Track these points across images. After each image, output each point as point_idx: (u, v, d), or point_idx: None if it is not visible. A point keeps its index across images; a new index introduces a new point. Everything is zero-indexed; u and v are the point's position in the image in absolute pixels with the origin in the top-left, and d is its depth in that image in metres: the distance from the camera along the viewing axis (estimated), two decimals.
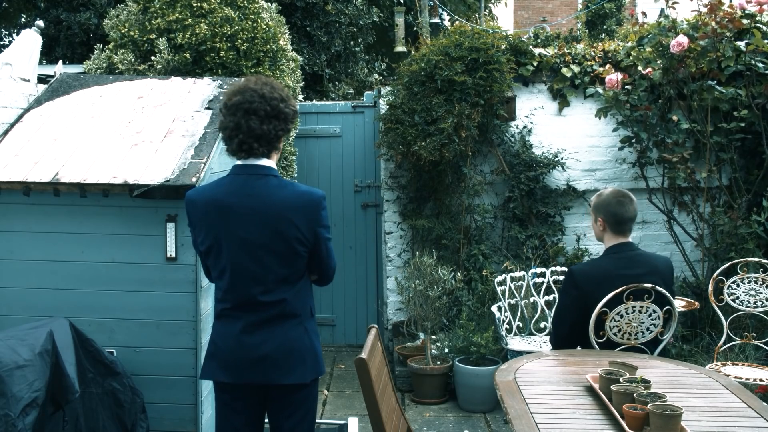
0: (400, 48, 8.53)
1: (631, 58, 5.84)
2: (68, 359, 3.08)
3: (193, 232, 2.76)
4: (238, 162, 2.70)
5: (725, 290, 4.51)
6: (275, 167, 2.73)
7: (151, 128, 3.90)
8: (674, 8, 5.50)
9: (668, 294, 3.33)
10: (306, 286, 2.76)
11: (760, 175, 5.53)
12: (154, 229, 3.51)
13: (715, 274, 4.60)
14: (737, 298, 4.50)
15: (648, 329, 3.35)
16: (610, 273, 3.29)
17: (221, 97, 4.14)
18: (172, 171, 3.52)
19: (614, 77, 5.47)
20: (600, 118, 5.82)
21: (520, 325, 5.10)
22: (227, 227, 2.63)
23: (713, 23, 5.21)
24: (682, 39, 5.13)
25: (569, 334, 3.35)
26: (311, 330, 2.75)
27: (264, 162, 2.69)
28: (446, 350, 5.28)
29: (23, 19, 10.00)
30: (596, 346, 3.30)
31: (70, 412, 3.10)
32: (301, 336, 2.70)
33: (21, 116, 4.03)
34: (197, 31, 4.93)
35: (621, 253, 3.35)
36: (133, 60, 5.00)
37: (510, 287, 5.11)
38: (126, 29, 5.11)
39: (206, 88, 4.31)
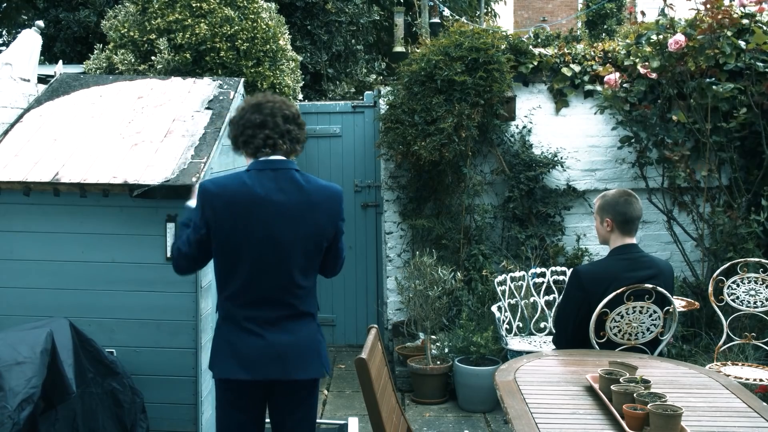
0: (400, 48, 8.53)
1: (630, 57, 5.83)
2: (67, 359, 3.08)
3: (200, 220, 2.65)
4: (260, 158, 2.69)
5: (725, 290, 4.51)
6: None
7: (151, 128, 3.90)
8: (672, 8, 5.50)
9: (668, 294, 3.34)
10: (314, 284, 2.79)
11: (759, 175, 5.53)
12: (154, 229, 3.51)
13: (715, 274, 4.60)
14: (737, 298, 4.50)
15: (648, 329, 3.35)
16: (617, 275, 3.28)
17: (222, 98, 4.15)
18: (172, 171, 3.52)
19: (613, 77, 5.48)
20: (598, 114, 5.83)
21: (520, 325, 5.10)
22: (254, 225, 2.61)
23: (709, 20, 5.21)
24: (680, 37, 5.15)
25: (573, 334, 3.35)
26: (320, 326, 2.81)
27: (282, 157, 2.71)
28: (446, 350, 5.28)
29: (23, 19, 10.00)
30: (596, 347, 3.30)
31: (66, 411, 3.10)
32: (315, 332, 2.75)
33: (21, 116, 4.02)
34: (197, 31, 4.94)
35: (627, 254, 3.34)
36: (133, 60, 5.01)
37: (510, 287, 5.11)
38: (126, 29, 5.11)
39: (206, 88, 4.31)
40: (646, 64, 5.47)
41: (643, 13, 5.95)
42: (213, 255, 2.72)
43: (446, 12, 9.43)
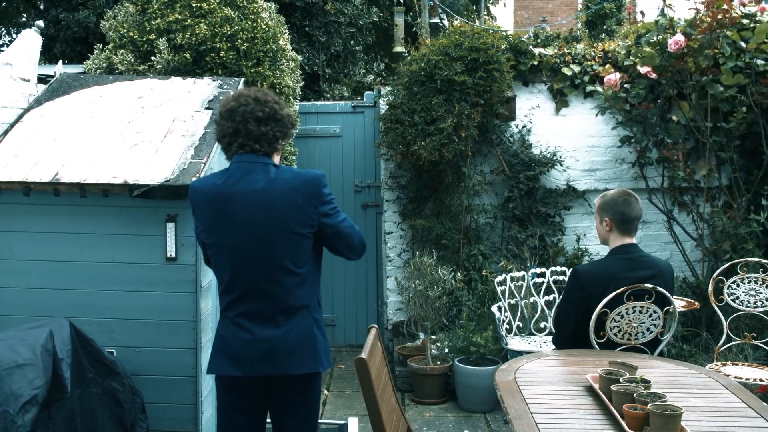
0: (400, 48, 8.53)
1: (630, 57, 5.83)
2: (66, 360, 3.08)
3: (195, 220, 2.76)
4: (240, 153, 2.72)
5: (725, 290, 4.51)
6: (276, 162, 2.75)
7: (151, 128, 3.90)
8: (671, 8, 5.51)
9: (668, 294, 3.34)
10: (312, 276, 2.75)
11: (759, 174, 5.53)
12: (154, 229, 3.51)
13: (715, 274, 4.60)
14: (737, 298, 4.50)
15: (648, 329, 3.35)
16: (616, 275, 3.28)
17: (222, 98, 4.16)
18: (172, 171, 3.52)
19: (613, 77, 5.48)
20: (598, 115, 5.83)
21: (520, 325, 5.10)
22: (229, 218, 2.64)
23: (709, 19, 5.21)
24: (679, 37, 5.15)
25: (573, 334, 3.35)
26: (320, 320, 2.77)
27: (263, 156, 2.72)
28: (446, 350, 5.28)
29: (23, 19, 10.00)
30: (596, 347, 3.30)
31: (65, 411, 3.10)
32: (311, 326, 2.71)
33: (21, 116, 4.02)
34: (197, 32, 4.93)
35: (626, 254, 3.34)
36: (132, 60, 5.00)
37: (510, 287, 5.11)
38: (125, 30, 5.11)
39: (206, 88, 4.31)
40: (647, 65, 5.47)
41: (642, 14, 5.96)
42: (207, 251, 2.76)
43: (444, 18, 9.44)
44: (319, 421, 4.15)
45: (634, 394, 2.37)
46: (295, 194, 2.65)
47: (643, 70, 5.47)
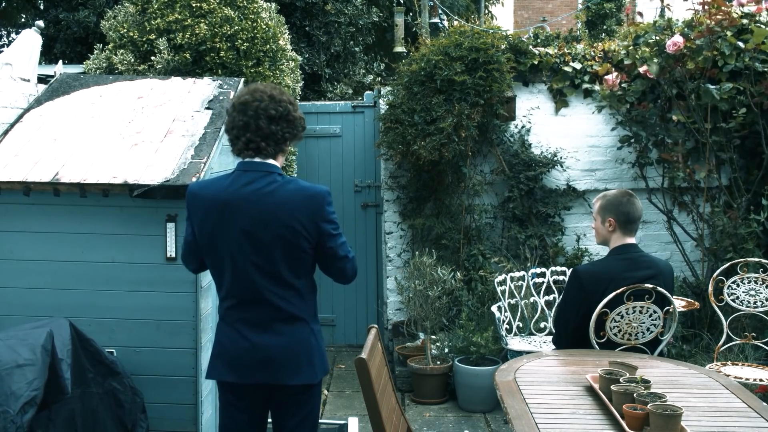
0: (400, 48, 8.53)
1: (629, 56, 5.83)
2: (66, 360, 3.08)
3: (189, 224, 2.72)
4: (245, 160, 2.69)
5: (725, 290, 4.51)
6: (279, 168, 2.72)
7: (151, 128, 3.90)
8: (670, 8, 5.50)
9: (668, 294, 3.34)
10: (311, 287, 2.74)
11: (759, 175, 5.53)
12: (154, 229, 3.51)
13: (715, 274, 4.60)
14: (737, 298, 4.50)
15: (648, 329, 3.35)
16: (616, 275, 3.28)
17: (222, 98, 4.16)
18: (172, 171, 3.52)
19: (611, 76, 5.48)
20: (598, 113, 5.82)
21: (520, 325, 5.10)
22: (230, 224, 2.62)
23: (707, 20, 5.21)
24: (678, 39, 5.15)
25: (573, 334, 3.35)
26: (317, 331, 2.75)
27: (269, 161, 2.69)
28: (446, 350, 5.29)
29: (23, 19, 10.00)
30: (596, 347, 3.30)
31: (65, 411, 3.10)
32: (308, 337, 2.69)
33: (21, 116, 4.02)
34: (197, 32, 4.94)
35: (627, 254, 3.34)
36: (132, 60, 5.01)
37: (510, 287, 5.11)
38: (125, 30, 5.12)
39: (206, 88, 4.31)
40: (645, 65, 5.47)
41: (641, 14, 5.96)
42: (204, 256, 2.74)
43: (444, 19, 9.43)
44: (319, 421, 4.15)
45: (634, 394, 2.37)
46: (297, 208, 2.62)
47: (642, 69, 5.46)
